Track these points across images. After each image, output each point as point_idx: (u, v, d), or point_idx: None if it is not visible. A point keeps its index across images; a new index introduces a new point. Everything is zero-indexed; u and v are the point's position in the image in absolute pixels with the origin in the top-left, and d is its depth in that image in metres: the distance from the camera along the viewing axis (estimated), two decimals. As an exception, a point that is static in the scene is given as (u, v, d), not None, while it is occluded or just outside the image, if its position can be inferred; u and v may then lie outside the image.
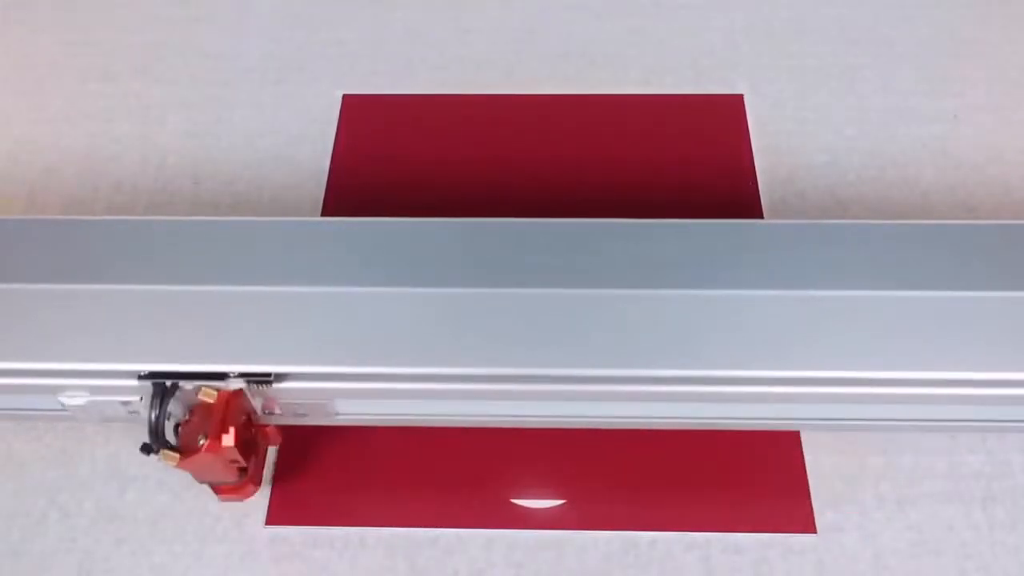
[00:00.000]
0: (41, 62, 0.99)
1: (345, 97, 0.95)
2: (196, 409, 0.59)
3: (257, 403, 0.62)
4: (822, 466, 0.70)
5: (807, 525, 0.68)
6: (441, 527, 0.68)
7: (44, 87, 0.97)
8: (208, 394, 0.58)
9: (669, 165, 0.88)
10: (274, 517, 0.69)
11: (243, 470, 0.64)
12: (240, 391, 0.59)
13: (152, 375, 0.59)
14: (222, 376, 0.59)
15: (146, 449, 0.57)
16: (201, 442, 0.57)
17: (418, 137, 0.92)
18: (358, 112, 0.94)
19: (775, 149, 0.89)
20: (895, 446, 0.71)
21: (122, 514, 0.69)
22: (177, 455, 0.57)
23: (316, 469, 0.71)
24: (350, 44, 1.00)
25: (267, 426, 0.65)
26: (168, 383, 0.58)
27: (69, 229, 0.67)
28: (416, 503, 0.69)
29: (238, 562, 0.67)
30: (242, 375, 0.59)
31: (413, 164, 0.89)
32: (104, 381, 0.60)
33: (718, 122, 0.92)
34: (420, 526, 0.68)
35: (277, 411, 0.63)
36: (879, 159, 0.88)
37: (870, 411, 0.64)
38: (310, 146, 0.91)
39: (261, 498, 0.69)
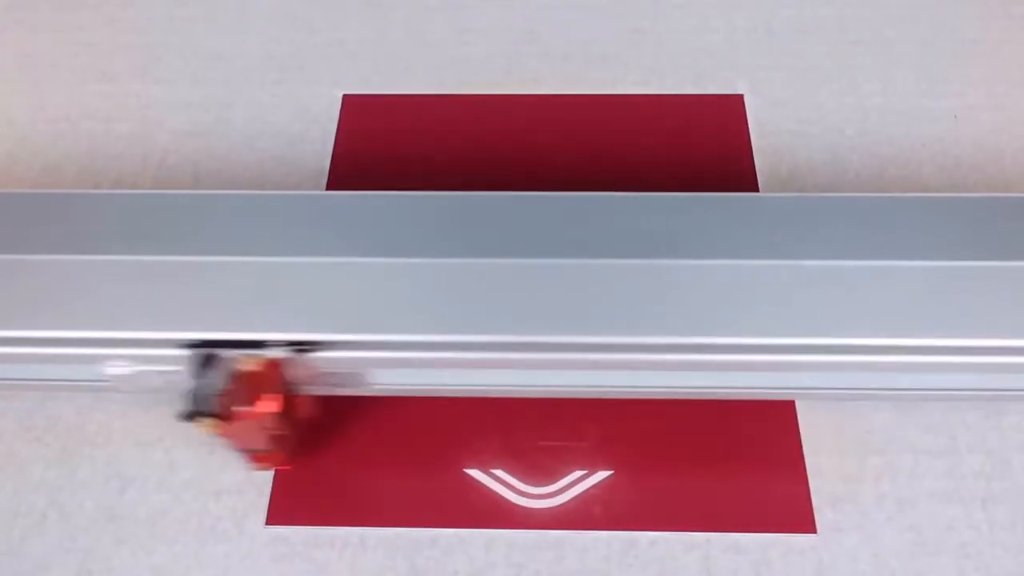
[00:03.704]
0: (41, 62, 0.99)
1: (345, 97, 0.95)
2: (236, 377, 0.60)
3: (295, 372, 0.62)
4: (822, 466, 0.70)
5: (807, 525, 0.68)
6: (441, 527, 0.68)
7: (44, 87, 0.97)
8: (248, 362, 0.59)
9: (669, 165, 0.88)
10: (274, 517, 0.69)
11: (281, 438, 0.65)
12: (280, 359, 0.60)
13: (194, 344, 0.60)
14: (262, 344, 0.60)
15: (188, 416, 0.58)
16: (241, 409, 0.58)
17: (418, 137, 0.92)
18: (358, 112, 0.94)
19: (775, 149, 0.89)
20: (895, 446, 0.71)
21: (122, 514, 0.69)
22: (218, 422, 0.58)
23: (317, 468, 0.71)
24: (350, 44, 1.00)
25: (303, 396, 0.66)
26: (210, 352, 0.59)
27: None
28: (416, 503, 0.69)
29: (238, 562, 0.67)
30: (281, 343, 0.60)
31: (413, 164, 0.89)
32: (147, 350, 0.61)
33: (718, 122, 0.92)
34: (420, 526, 0.68)
35: (314, 381, 0.63)
36: (879, 159, 0.88)
37: (868, 379, 0.65)
38: (310, 146, 0.91)
39: (261, 498, 0.69)
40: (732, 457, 0.71)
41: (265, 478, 0.70)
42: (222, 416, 0.58)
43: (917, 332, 0.60)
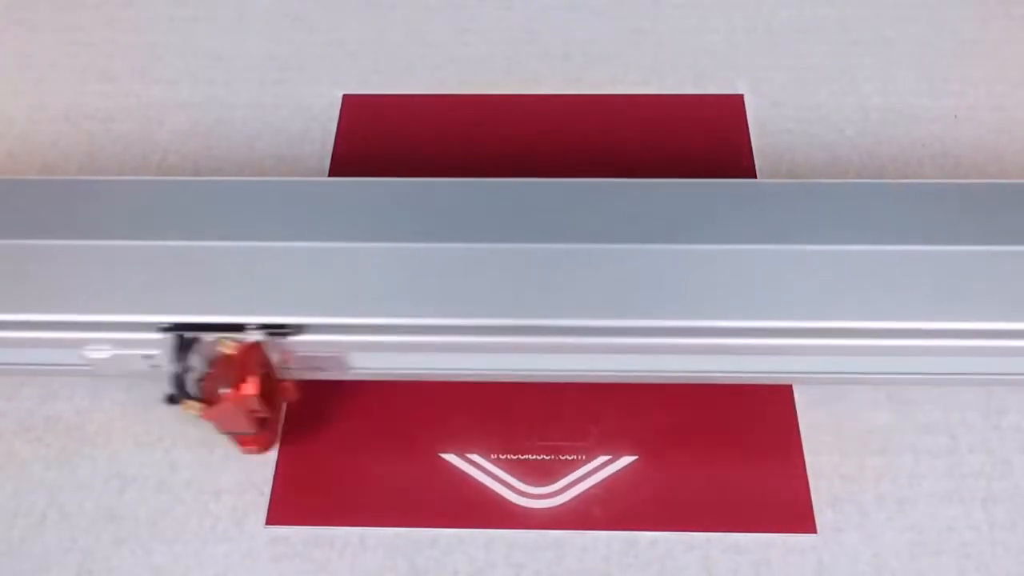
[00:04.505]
0: (41, 62, 0.99)
1: (345, 97, 0.95)
2: (217, 361, 0.61)
3: (275, 356, 0.63)
4: (822, 466, 0.70)
5: (807, 525, 0.68)
6: (441, 527, 0.68)
7: (44, 87, 0.97)
8: (228, 345, 0.60)
9: (669, 165, 0.88)
10: (274, 517, 0.69)
11: (263, 421, 0.65)
12: (259, 343, 0.61)
13: (173, 327, 0.60)
14: (241, 328, 0.60)
15: (171, 400, 0.59)
16: (223, 392, 0.59)
17: (418, 137, 0.92)
18: (358, 112, 0.94)
19: (775, 149, 0.89)
20: (895, 446, 0.71)
21: (122, 514, 0.69)
22: (201, 404, 0.59)
23: (317, 468, 0.71)
24: (350, 44, 1.00)
25: (284, 380, 0.66)
26: (189, 335, 0.60)
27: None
28: (416, 502, 0.69)
29: (238, 562, 0.67)
30: (261, 327, 0.61)
31: (413, 164, 0.89)
32: (126, 334, 0.62)
33: (718, 122, 0.92)
34: (420, 526, 0.68)
35: (294, 364, 0.64)
36: (879, 159, 0.88)
37: (865, 363, 0.67)
38: (310, 146, 0.91)
39: (261, 498, 0.69)
40: (732, 457, 0.71)
41: (265, 478, 0.70)
42: (204, 400, 0.59)
43: (914, 316, 0.61)
